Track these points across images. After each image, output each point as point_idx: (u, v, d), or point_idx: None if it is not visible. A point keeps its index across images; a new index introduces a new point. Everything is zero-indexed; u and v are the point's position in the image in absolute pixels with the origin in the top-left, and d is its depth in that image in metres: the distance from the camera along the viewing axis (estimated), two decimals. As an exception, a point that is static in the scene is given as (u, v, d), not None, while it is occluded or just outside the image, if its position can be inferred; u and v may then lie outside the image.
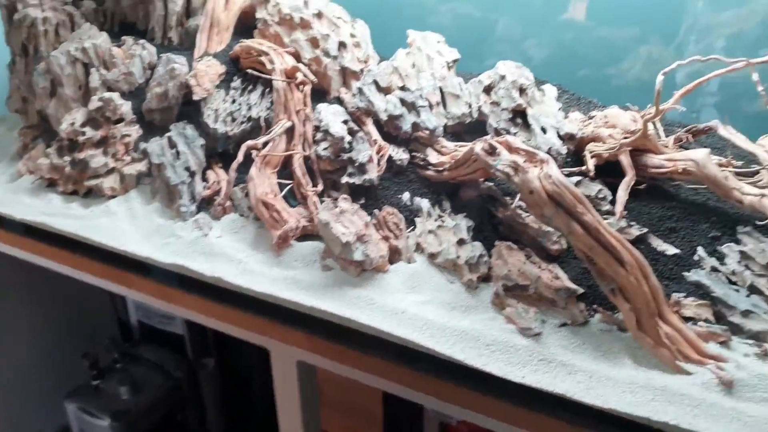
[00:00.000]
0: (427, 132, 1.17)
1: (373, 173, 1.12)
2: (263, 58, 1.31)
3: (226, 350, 1.80)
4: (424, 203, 1.09)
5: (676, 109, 1.05)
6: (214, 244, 1.09)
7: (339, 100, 1.30)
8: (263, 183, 1.14)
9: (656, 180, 1.06)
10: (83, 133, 1.30)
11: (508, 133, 1.13)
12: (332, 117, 1.21)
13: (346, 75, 1.33)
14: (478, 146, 0.97)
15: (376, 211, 1.08)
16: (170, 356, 1.74)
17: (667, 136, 1.13)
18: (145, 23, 1.53)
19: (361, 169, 1.13)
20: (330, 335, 0.95)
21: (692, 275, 0.91)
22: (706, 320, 0.86)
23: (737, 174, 0.99)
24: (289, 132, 1.21)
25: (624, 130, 1.07)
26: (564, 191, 0.86)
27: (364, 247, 0.98)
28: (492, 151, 0.95)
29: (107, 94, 1.32)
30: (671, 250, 0.96)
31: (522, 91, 1.14)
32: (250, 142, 1.15)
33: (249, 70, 1.27)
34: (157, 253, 1.08)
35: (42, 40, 1.44)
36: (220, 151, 1.29)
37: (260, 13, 1.44)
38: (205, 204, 1.21)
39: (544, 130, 1.09)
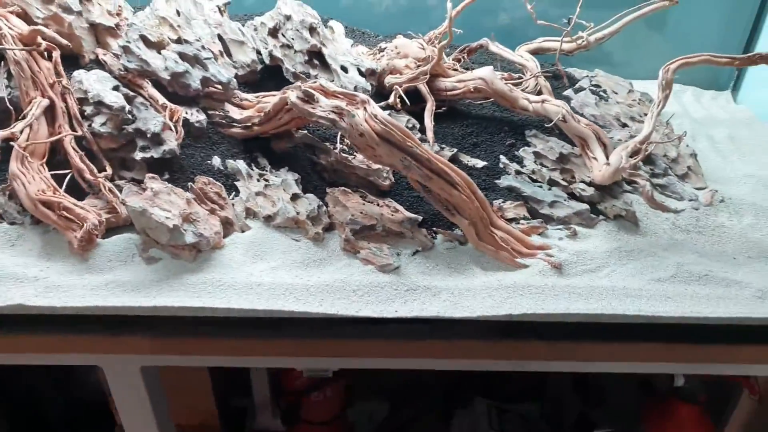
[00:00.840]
0: (220, 86, 1.06)
1: (171, 142, 0.99)
2: (-19, 23, 1.02)
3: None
4: (240, 164, 1.01)
5: (456, 32, 1.12)
6: (-12, 266, 0.86)
7: (99, 63, 1.10)
8: (34, 179, 0.92)
9: (451, 102, 1.13)
10: None
11: (308, 76, 1.09)
12: (99, 85, 1.02)
13: (98, 32, 1.12)
14: (292, 95, 0.92)
15: (189, 184, 0.96)
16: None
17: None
18: None
19: (156, 139, 0.99)
20: (174, 329, 0.85)
21: (503, 181, 1.02)
22: (524, 218, 0.97)
23: (515, 85, 1.12)
24: (49, 111, 0.99)
25: (416, 58, 1.11)
26: (392, 129, 0.87)
27: (194, 227, 0.87)
28: (309, 98, 0.91)
29: None
30: (480, 163, 1.05)
31: (312, 30, 1.09)
32: (2, 133, 0.91)
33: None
34: None
35: None
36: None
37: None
38: (-49, 220, 0.94)
39: (345, 69, 1.07)
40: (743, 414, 1.23)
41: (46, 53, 1.02)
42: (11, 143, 0.92)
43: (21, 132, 0.94)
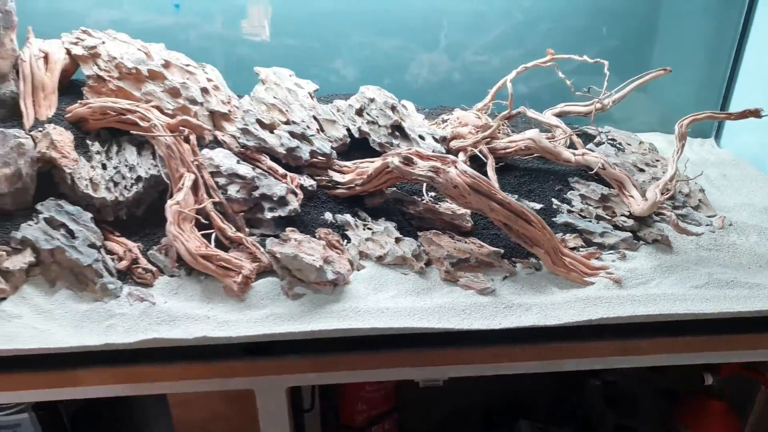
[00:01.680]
0: (324, 157, 1.30)
1: (294, 203, 1.21)
2: (131, 116, 1.25)
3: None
4: (348, 217, 1.23)
5: (502, 103, 1.38)
6: (165, 310, 1.06)
7: (217, 143, 1.33)
8: (191, 238, 1.13)
9: (505, 158, 1.38)
10: (-74, 239, 1.08)
11: (391, 146, 1.33)
12: (227, 160, 1.25)
13: (215, 118, 1.36)
14: (395, 160, 1.16)
15: (316, 234, 1.18)
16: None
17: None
18: (-60, 98, 1.28)
19: (282, 201, 1.21)
20: (317, 351, 1.04)
21: (559, 219, 1.25)
22: (581, 246, 1.20)
23: (554, 141, 1.38)
24: (193, 184, 1.21)
25: (474, 125, 1.36)
26: (479, 181, 1.11)
27: (332, 267, 1.08)
28: (408, 161, 1.15)
29: (-52, 187, 1.11)
30: (537, 205, 1.29)
31: (393, 108, 1.35)
32: (174, 204, 1.12)
33: (134, 132, 1.21)
34: (112, 337, 1.00)
35: None
36: (110, 220, 1.21)
37: (89, 70, 1.35)
38: (123, 277, 1.13)
39: (422, 138, 1.32)
40: (761, 407, 1.45)
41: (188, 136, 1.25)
42: (171, 209, 1.13)
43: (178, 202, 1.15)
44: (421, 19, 1.75)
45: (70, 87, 1.42)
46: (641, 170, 1.43)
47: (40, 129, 1.24)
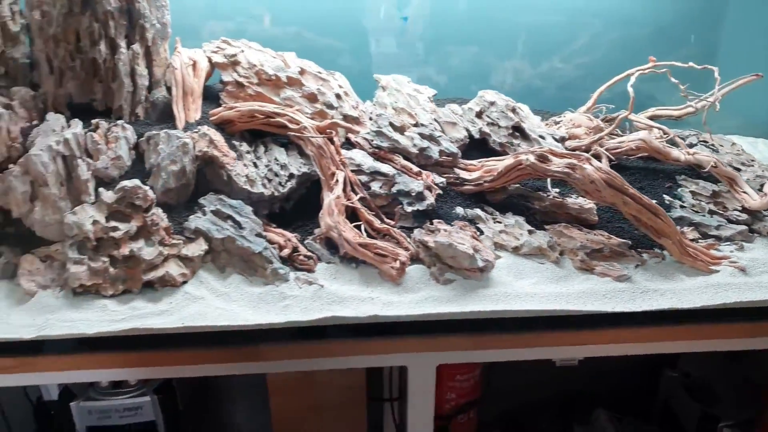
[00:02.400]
0: (450, 156, 1.39)
1: (430, 198, 1.31)
2: (280, 119, 1.35)
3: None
4: (478, 212, 1.32)
5: (609, 106, 1.48)
6: (333, 292, 1.15)
7: (351, 144, 1.43)
8: (347, 229, 1.23)
9: (615, 158, 1.47)
10: (115, 228, 1.19)
11: (511, 146, 1.42)
12: (366, 160, 1.35)
13: (348, 120, 1.46)
14: (530, 157, 1.25)
15: (453, 226, 1.27)
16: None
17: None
18: (105, 102, 1.39)
19: (420, 197, 1.30)
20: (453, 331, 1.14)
21: (674, 213, 1.34)
22: (699, 239, 1.29)
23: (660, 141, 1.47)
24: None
25: (587, 127, 1.45)
26: (613, 176, 1.20)
27: (480, 255, 1.18)
28: (544, 159, 1.24)
29: (130, 183, 1.21)
30: (650, 201, 1.38)
31: (513, 110, 1.44)
32: (336, 198, 1.22)
33: (291, 134, 1.31)
34: (291, 315, 1.10)
35: (-5, 139, 1.23)
36: (265, 213, 1.31)
37: (228, 76, 1.46)
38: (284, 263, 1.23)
39: (543, 138, 1.41)
40: None
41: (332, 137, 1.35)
42: (333, 202, 1.23)
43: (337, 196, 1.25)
44: (505, 29, 1.85)
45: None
46: (738, 169, 1.51)
47: (195, 130, 1.35)
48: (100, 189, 1.23)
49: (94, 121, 1.33)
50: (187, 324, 1.08)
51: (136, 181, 1.22)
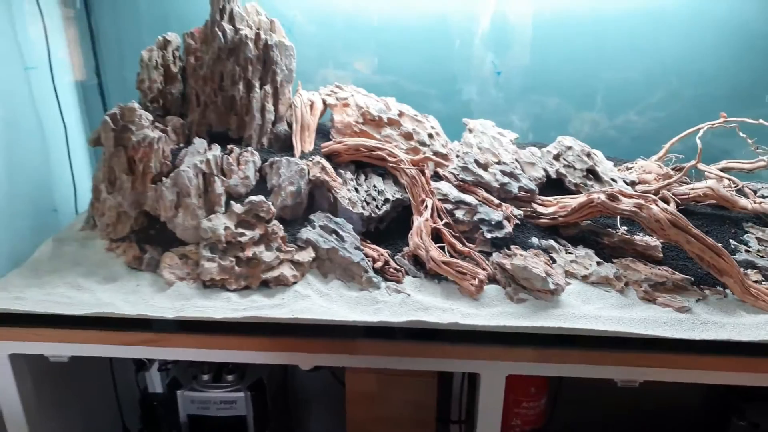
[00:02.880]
0: (528, 192, 1.55)
1: (509, 227, 1.46)
2: (380, 153, 1.57)
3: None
4: (552, 242, 1.47)
5: (680, 156, 1.59)
6: (418, 301, 1.32)
7: (439, 177, 1.62)
8: (432, 248, 1.40)
9: (683, 204, 1.58)
10: (242, 234, 1.42)
11: (585, 186, 1.56)
12: (452, 190, 1.53)
13: (437, 156, 1.65)
14: (601, 196, 1.39)
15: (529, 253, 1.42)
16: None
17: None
18: (238, 132, 1.67)
19: (499, 225, 1.46)
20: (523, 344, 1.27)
21: (739, 257, 1.42)
22: (763, 280, 1.36)
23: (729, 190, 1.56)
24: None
25: (657, 173, 1.57)
26: (678, 217, 1.31)
27: (552, 279, 1.31)
28: (614, 198, 1.38)
29: (256, 198, 1.45)
30: (715, 244, 1.47)
31: (588, 155, 1.59)
32: (425, 220, 1.41)
33: (388, 165, 1.52)
34: (382, 317, 1.28)
35: (153, 157, 1.51)
36: (362, 230, 1.51)
37: (338, 115, 1.70)
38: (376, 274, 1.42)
39: (614, 181, 1.55)
40: None
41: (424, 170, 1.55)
42: (422, 224, 1.41)
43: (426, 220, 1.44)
44: (587, 83, 2.00)
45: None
46: (808, 222, 1.57)
47: (310, 159, 1.58)
48: (231, 202, 1.48)
49: (228, 147, 1.60)
50: (296, 316, 1.29)
51: (261, 197, 1.46)
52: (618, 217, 1.46)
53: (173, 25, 1.71)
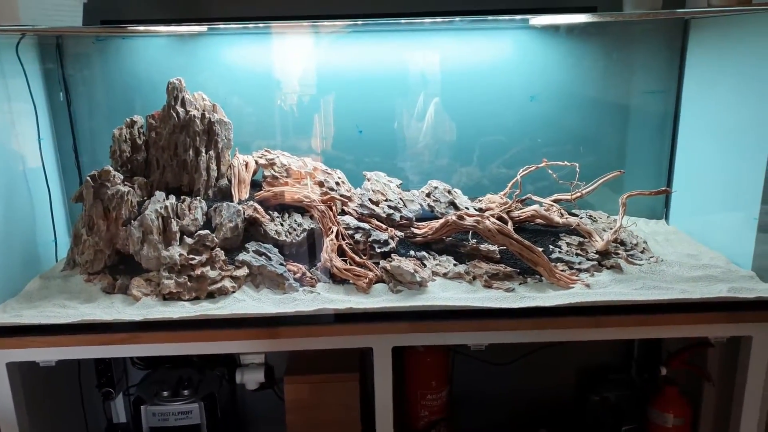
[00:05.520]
0: (408, 220, 2.03)
1: (392, 244, 1.92)
2: (298, 197, 2.02)
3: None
4: (424, 253, 1.93)
5: (515, 191, 2.12)
6: (327, 297, 1.74)
7: (345, 213, 2.07)
8: (337, 260, 1.84)
9: (519, 223, 2.09)
10: (193, 258, 1.81)
11: (448, 214, 2.06)
12: (353, 221, 1.99)
13: (342, 197, 2.12)
14: (452, 217, 1.88)
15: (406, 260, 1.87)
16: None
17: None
18: (189, 186, 2.08)
19: (385, 243, 1.92)
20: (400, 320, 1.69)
21: (553, 255, 1.93)
22: (567, 269, 1.86)
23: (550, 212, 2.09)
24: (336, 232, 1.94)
25: (498, 203, 2.09)
26: (503, 227, 1.81)
27: (419, 274, 1.77)
28: (461, 218, 1.87)
29: (203, 231, 1.86)
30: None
31: (449, 192, 2.10)
32: (330, 241, 1.85)
33: (305, 205, 1.97)
34: (299, 308, 1.68)
35: (124, 206, 1.90)
36: (286, 253, 1.93)
37: (267, 172, 2.16)
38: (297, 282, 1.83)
39: (468, 208, 2.05)
40: (707, 395, 1.99)
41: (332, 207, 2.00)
42: (329, 243, 1.85)
43: (330, 240, 1.88)
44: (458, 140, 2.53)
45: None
46: (605, 230, 2.11)
47: (245, 204, 2.01)
48: (184, 236, 1.88)
49: (182, 197, 2.01)
50: (234, 312, 1.67)
51: (207, 231, 1.87)
52: (469, 233, 1.95)
53: (138, 111, 2.15)
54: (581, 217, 2.21)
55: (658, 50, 2.27)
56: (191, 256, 1.82)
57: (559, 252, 1.95)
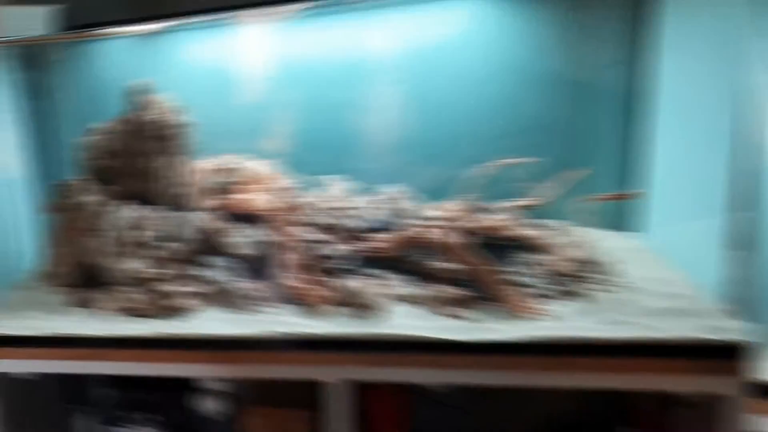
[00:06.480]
0: (366, 232, 2.02)
1: (351, 259, 1.94)
2: (258, 205, 2.01)
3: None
4: (383, 272, 1.93)
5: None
6: (276, 319, 1.77)
7: (304, 223, 2.07)
8: (293, 277, 1.86)
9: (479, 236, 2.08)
10: (157, 273, 1.85)
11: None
12: (313, 234, 1.99)
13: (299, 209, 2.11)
14: (416, 231, 1.87)
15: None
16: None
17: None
18: (150, 194, 2.07)
19: (344, 258, 1.93)
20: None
21: (511, 276, 1.93)
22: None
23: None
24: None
25: (455, 212, 2.07)
26: (448, 241, 1.81)
27: (376, 297, 1.78)
28: (425, 233, 1.87)
29: (172, 244, 1.89)
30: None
31: (406, 200, 2.08)
32: (292, 257, 1.87)
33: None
34: (244, 330, 1.73)
35: (89, 217, 1.92)
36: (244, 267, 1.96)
37: (228, 178, 2.13)
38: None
39: (428, 220, 2.04)
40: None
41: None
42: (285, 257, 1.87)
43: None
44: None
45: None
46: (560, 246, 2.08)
47: (208, 214, 2.01)
48: (142, 248, 1.90)
49: (144, 206, 2.02)
50: (195, 331, 1.73)
51: (171, 244, 1.89)
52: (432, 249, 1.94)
53: (107, 117, 2.11)
54: (540, 229, 2.17)
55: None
56: (156, 270, 1.86)
57: (518, 274, 1.92)
